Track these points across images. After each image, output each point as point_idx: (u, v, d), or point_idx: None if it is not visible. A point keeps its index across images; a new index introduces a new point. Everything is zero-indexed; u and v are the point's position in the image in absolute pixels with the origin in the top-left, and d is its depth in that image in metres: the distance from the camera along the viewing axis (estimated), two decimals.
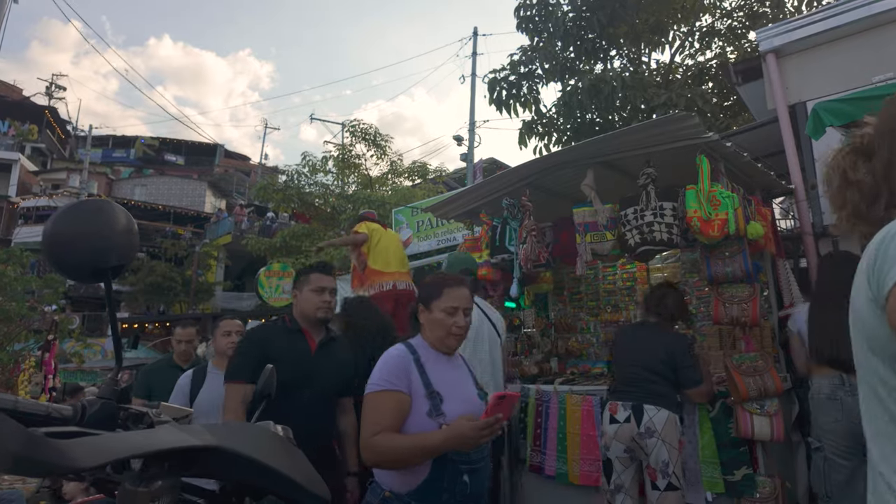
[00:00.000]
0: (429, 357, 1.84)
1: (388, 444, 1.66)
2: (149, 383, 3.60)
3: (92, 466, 0.69)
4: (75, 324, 12.24)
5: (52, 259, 0.92)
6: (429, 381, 1.76)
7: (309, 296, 2.48)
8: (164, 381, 3.36)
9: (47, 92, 30.56)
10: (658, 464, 2.72)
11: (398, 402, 1.71)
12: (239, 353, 2.39)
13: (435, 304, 1.88)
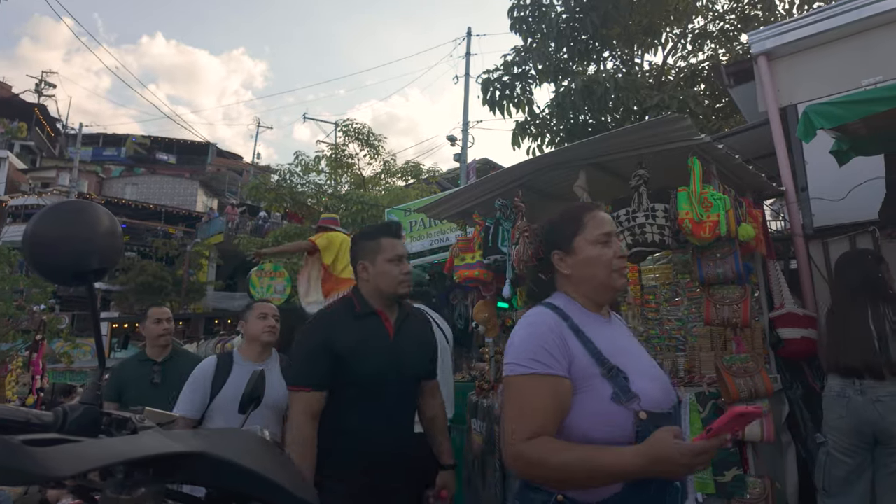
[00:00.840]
0: (584, 319, 1.34)
1: (550, 456, 1.17)
2: (119, 384, 3.13)
3: (71, 475, 0.68)
4: (64, 324, 12.12)
5: (33, 261, 0.90)
6: (598, 351, 1.27)
7: (386, 268, 2.00)
8: (136, 380, 3.08)
9: (37, 89, 30.27)
10: None
11: (557, 391, 1.23)
12: (302, 353, 1.97)
13: (580, 240, 1.38)
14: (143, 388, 3.02)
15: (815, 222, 3.81)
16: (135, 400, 2.81)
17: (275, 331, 2.61)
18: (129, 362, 3.34)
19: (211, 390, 2.48)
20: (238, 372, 2.52)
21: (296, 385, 1.93)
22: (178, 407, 2.47)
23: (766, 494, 2.86)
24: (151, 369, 3.13)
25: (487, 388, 3.99)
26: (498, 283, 4.05)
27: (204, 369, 2.56)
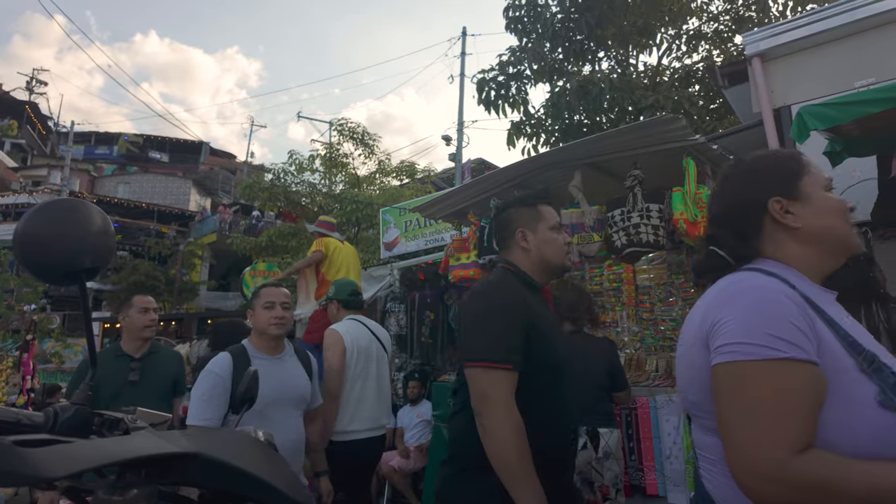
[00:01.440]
0: (815, 294, 0.99)
1: (835, 475, 0.82)
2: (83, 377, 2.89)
3: (63, 476, 0.67)
4: (55, 323, 12.03)
5: (24, 260, 0.88)
6: (848, 335, 0.93)
7: (550, 236, 1.75)
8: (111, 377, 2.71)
9: (28, 87, 30.01)
10: (611, 480, 2.83)
11: (817, 386, 0.87)
12: (497, 323, 1.55)
13: (809, 184, 1.05)
14: (118, 385, 2.69)
15: None
16: (109, 399, 2.58)
17: (284, 322, 2.32)
18: (102, 357, 2.85)
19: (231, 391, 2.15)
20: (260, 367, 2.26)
21: (491, 361, 1.49)
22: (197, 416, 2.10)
23: None
24: (129, 366, 2.77)
25: None
26: None
27: (220, 369, 2.20)
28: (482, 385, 1.50)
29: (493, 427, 1.45)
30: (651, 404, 3.33)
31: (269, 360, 2.30)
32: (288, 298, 2.38)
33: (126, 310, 2.90)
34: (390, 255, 8.53)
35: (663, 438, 3.23)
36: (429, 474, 4.43)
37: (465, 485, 1.55)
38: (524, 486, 1.42)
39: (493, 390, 1.48)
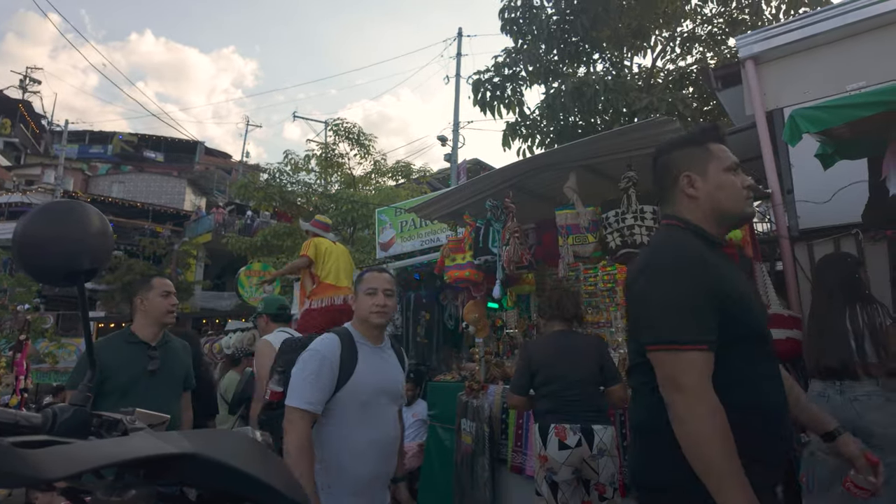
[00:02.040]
0: None
1: None
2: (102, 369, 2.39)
3: (62, 477, 0.67)
4: (49, 323, 11.96)
5: (23, 262, 0.89)
6: None
7: (725, 180, 1.47)
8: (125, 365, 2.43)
9: (21, 85, 29.80)
10: (607, 478, 2.82)
11: None
12: (683, 299, 1.30)
13: None
14: (134, 375, 2.44)
15: (801, 224, 3.86)
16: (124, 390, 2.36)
17: (386, 311, 2.11)
18: (112, 343, 2.54)
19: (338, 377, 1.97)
20: (366, 355, 2.07)
21: (681, 343, 1.27)
22: (302, 398, 1.89)
23: None
24: (146, 354, 2.50)
25: (477, 388, 4.00)
26: (488, 284, 4.07)
27: (329, 350, 1.99)
28: (671, 371, 1.27)
29: (689, 419, 1.22)
30: None
31: (372, 348, 2.12)
32: (391, 285, 2.16)
33: (144, 292, 2.62)
34: (386, 256, 8.54)
35: None
36: (424, 473, 4.44)
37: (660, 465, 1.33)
38: (730, 489, 1.17)
39: (685, 377, 1.24)
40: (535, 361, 3.04)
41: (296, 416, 1.86)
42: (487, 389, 4.00)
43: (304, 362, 1.97)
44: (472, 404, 3.94)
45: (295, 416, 1.86)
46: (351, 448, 1.94)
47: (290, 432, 1.83)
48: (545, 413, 2.95)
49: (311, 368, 1.95)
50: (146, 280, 2.75)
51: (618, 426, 3.31)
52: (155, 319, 2.63)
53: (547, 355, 3.04)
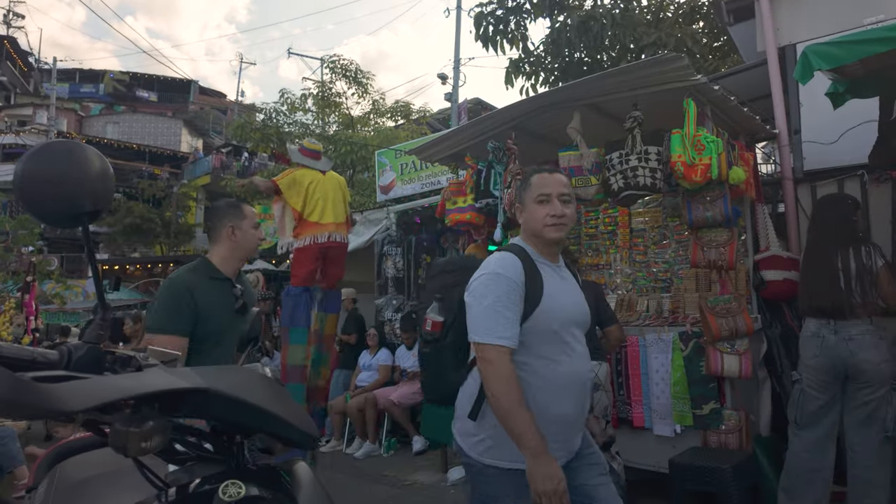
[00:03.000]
0: None
1: None
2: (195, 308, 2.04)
3: (82, 409, 0.71)
4: (54, 265, 12.10)
5: (26, 204, 0.89)
6: None
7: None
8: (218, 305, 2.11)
9: (4, 20, 28.64)
10: (601, 411, 2.97)
11: None
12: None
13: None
14: (227, 316, 2.15)
15: (806, 165, 3.82)
16: (219, 332, 2.11)
17: (564, 223, 1.71)
18: (198, 280, 2.13)
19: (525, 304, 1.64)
20: (549, 276, 1.71)
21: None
22: (492, 332, 1.57)
23: (741, 426, 3.03)
24: (231, 291, 2.18)
25: None
26: (489, 227, 4.07)
27: (513, 272, 1.63)
28: None
29: None
30: (640, 342, 3.44)
31: (552, 268, 1.75)
32: (568, 189, 1.76)
33: (237, 220, 2.23)
34: (386, 199, 8.49)
35: (651, 375, 3.36)
36: (426, 409, 4.62)
37: None
38: None
39: None
40: None
41: (492, 354, 1.55)
42: None
43: (485, 287, 1.63)
44: None
45: (491, 354, 1.55)
46: (545, 387, 1.62)
47: (490, 375, 1.54)
48: None
49: (496, 295, 1.61)
50: (236, 207, 2.29)
51: (613, 364, 3.43)
52: (245, 253, 2.29)
53: None
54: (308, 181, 4.17)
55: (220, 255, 2.22)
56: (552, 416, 1.61)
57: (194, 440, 1.00)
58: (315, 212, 4.08)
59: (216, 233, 2.22)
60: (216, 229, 2.23)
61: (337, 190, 4.29)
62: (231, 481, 0.91)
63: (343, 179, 4.47)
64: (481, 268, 1.69)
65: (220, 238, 2.22)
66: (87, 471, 1.36)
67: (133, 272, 14.51)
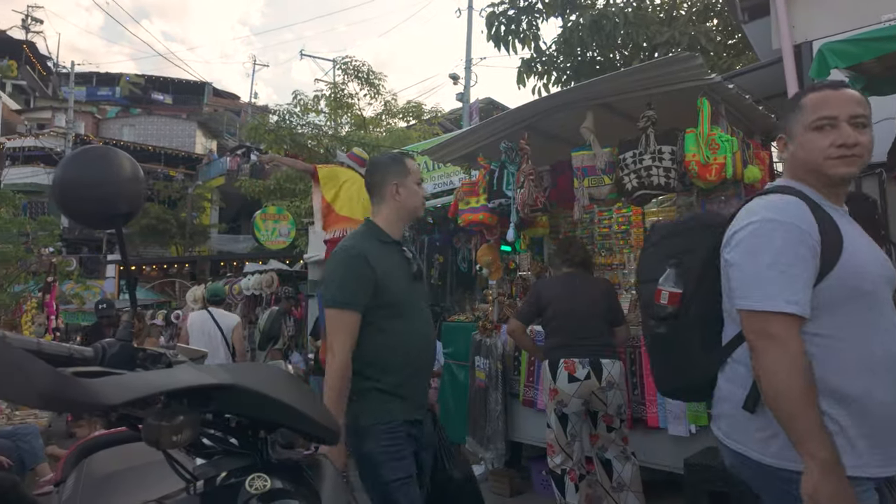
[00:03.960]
0: None
1: None
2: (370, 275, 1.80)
3: (119, 403, 0.74)
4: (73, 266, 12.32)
5: (64, 207, 0.93)
6: None
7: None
8: (394, 270, 1.88)
9: (23, 25, 29.18)
10: (615, 410, 2.96)
11: None
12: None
13: None
14: (405, 283, 1.91)
15: None
16: (400, 303, 1.86)
17: (859, 154, 1.30)
18: (366, 244, 1.88)
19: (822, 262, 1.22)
20: (843, 222, 1.31)
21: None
22: (775, 297, 1.18)
23: None
24: (403, 256, 1.95)
25: (490, 328, 4.11)
26: (502, 227, 4.08)
27: (802, 220, 1.23)
28: None
29: None
30: None
31: (841, 213, 1.35)
32: (864, 109, 1.34)
33: (401, 178, 1.96)
34: None
35: None
36: (440, 406, 4.65)
37: None
38: None
39: None
40: (545, 297, 3.16)
41: (777, 326, 1.16)
42: (500, 329, 4.10)
43: (759, 239, 1.23)
44: (486, 343, 4.06)
45: (775, 326, 1.16)
46: (870, 367, 1.19)
47: (773, 355, 1.15)
48: (554, 348, 3.07)
49: (777, 247, 1.20)
50: (399, 162, 2.01)
51: (628, 364, 3.41)
52: (410, 212, 2.03)
53: (556, 293, 3.16)
54: (344, 179, 4.38)
55: (386, 217, 1.99)
56: (874, 405, 1.17)
57: (220, 435, 1.03)
58: (346, 206, 4.27)
59: (379, 192, 2.00)
60: (379, 188, 1.99)
61: None
62: (257, 474, 0.94)
63: None
64: (746, 215, 1.29)
65: (384, 198, 1.99)
66: (112, 465, 1.40)
67: (149, 273, 14.71)
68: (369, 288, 1.79)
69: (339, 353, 1.75)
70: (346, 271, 1.82)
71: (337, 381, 1.73)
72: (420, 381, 1.93)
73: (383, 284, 1.81)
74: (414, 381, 1.88)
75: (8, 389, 0.66)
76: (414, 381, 1.88)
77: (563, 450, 2.99)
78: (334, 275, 1.86)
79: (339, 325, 1.78)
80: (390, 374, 1.81)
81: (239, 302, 8.40)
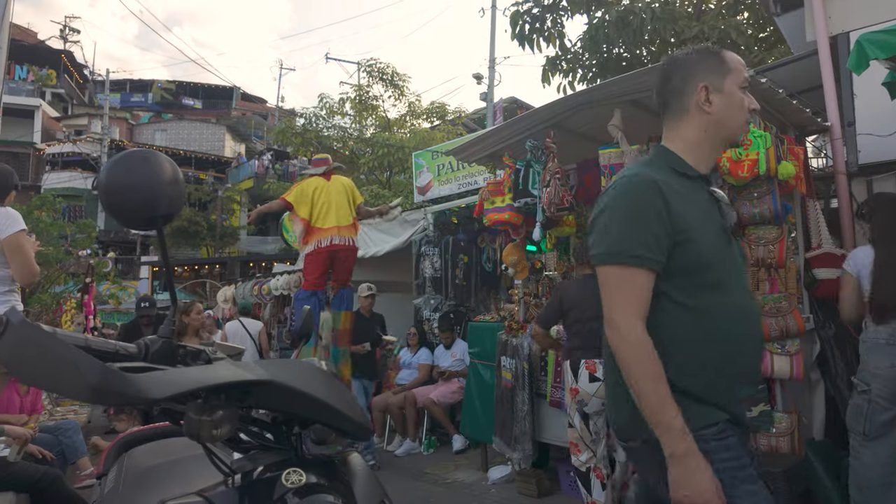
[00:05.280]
0: None
1: None
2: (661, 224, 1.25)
3: (163, 398, 0.77)
4: (109, 267, 12.72)
5: (108, 208, 0.97)
6: None
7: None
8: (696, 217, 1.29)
9: (62, 35, 30.24)
10: None
11: None
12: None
13: None
14: (715, 236, 1.32)
15: (861, 159, 3.66)
16: (707, 265, 1.26)
17: None
18: (656, 172, 1.33)
19: None
20: None
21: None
22: None
23: (793, 428, 2.93)
24: (713, 197, 1.37)
25: (517, 327, 4.09)
26: (528, 227, 4.07)
27: None
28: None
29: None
30: None
31: None
32: None
33: (714, 78, 1.35)
34: (423, 199, 8.57)
35: None
36: (466, 407, 4.65)
37: None
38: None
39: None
40: (567, 301, 3.23)
41: None
42: (527, 329, 4.09)
43: None
44: (512, 343, 4.04)
45: None
46: None
47: None
48: (575, 349, 3.14)
49: None
50: (713, 55, 1.38)
51: None
52: (727, 134, 1.38)
53: (579, 296, 3.21)
54: (312, 189, 4.32)
55: (687, 140, 1.38)
56: None
57: (257, 430, 1.06)
58: (319, 217, 4.26)
59: (678, 102, 1.38)
60: (678, 96, 1.38)
61: (342, 193, 4.40)
62: (293, 469, 0.96)
63: (350, 182, 4.62)
64: None
65: (685, 110, 1.38)
66: (152, 459, 1.44)
67: (181, 274, 15.09)
68: (664, 237, 1.23)
69: (626, 328, 1.20)
70: (632, 208, 1.25)
71: (640, 364, 1.17)
72: (745, 385, 1.38)
73: (687, 236, 1.24)
74: (734, 386, 1.28)
75: (60, 383, 0.69)
76: (734, 386, 1.28)
77: (588, 447, 3.06)
78: (612, 214, 1.29)
79: (621, 290, 1.24)
80: (697, 374, 1.22)
81: (268, 302, 8.54)
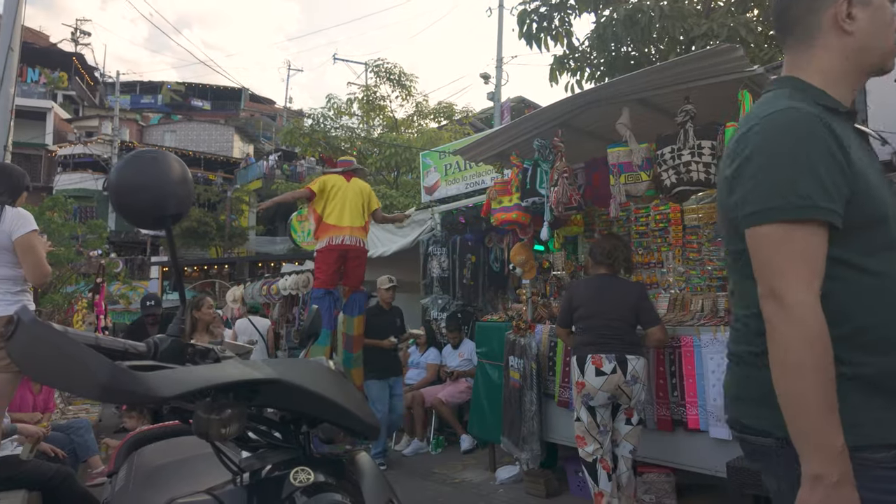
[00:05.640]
0: None
1: None
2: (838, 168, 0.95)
3: (172, 396, 0.77)
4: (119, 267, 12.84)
5: (118, 207, 0.98)
6: None
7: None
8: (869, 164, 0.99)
9: (73, 38, 30.55)
10: (637, 404, 3.08)
11: None
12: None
13: None
14: (883, 182, 1.05)
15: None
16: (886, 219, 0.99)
17: None
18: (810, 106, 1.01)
19: None
20: None
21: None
22: None
23: None
24: (864, 138, 1.15)
25: (525, 327, 4.08)
26: (535, 226, 4.05)
27: None
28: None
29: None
30: (696, 343, 3.35)
31: None
32: None
33: None
34: (431, 199, 8.57)
35: (707, 376, 3.26)
36: (474, 406, 4.65)
37: None
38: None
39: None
40: (576, 299, 3.30)
41: None
42: (534, 329, 4.07)
43: None
44: (520, 342, 4.03)
45: None
46: None
47: None
48: (583, 345, 3.18)
49: None
50: None
51: (667, 364, 3.36)
52: (876, 59, 1.09)
53: (587, 294, 3.28)
54: (331, 185, 4.42)
55: (826, 71, 1.08)
56: None
57: (265, 429, 1.06)
58: (333, 214, 4.34)
59: (806, 24, 1.09)
60: (805, 16, 1.09)
61: (358, 196, 4.50)
62: (301, 468, 0.96)
63: (368, 187, 4.68)
64: None
65: (820, 30, 1.08)
66: (162, 457, 1.45)
67: (191, 274, 15.19)
68: (845, 184, 0.95)
69: (799, 305, 0.91)
70: (798, 148, 0.95)
71: (811, 353, 0.90)
72: None
73: (867, 181, 0.98)
74: None
75: (71, 381, 0.69)
76: None
77: (595, 439, 3.09)
78: (768, 159, 0.98)
79: (789, 254, 0.93)
80: (888, 353, 0.96)
81: (276, 302, 8.58)
